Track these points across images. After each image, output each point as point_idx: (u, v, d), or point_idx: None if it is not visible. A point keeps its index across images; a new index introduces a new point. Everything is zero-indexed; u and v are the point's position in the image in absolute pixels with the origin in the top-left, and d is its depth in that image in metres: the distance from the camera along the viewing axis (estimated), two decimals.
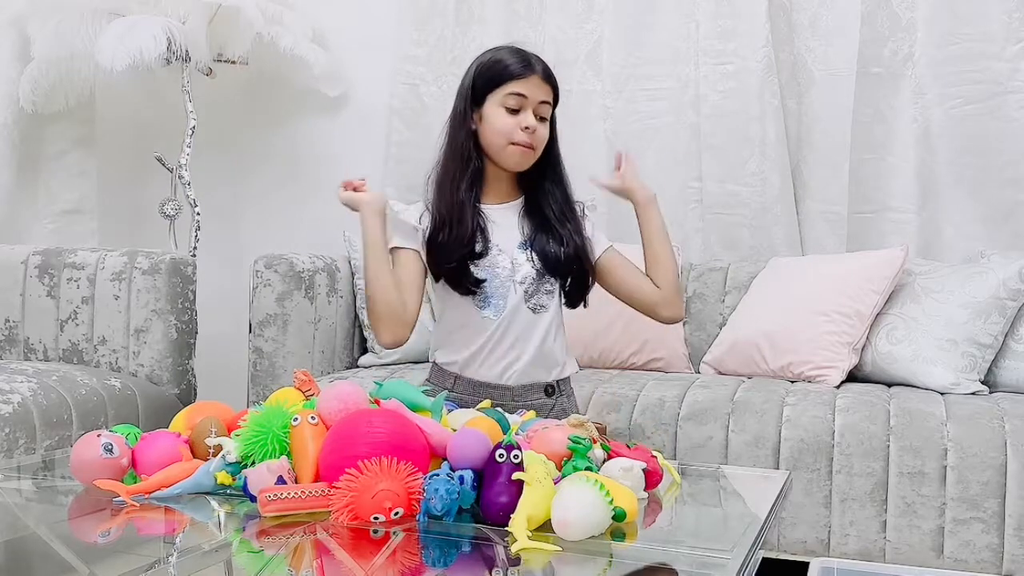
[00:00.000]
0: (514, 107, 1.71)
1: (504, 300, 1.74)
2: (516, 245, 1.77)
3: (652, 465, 1.32)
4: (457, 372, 1.78)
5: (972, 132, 2.55)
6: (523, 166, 1.75)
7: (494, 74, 1.73)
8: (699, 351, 2.57)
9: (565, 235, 1.76)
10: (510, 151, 1.72)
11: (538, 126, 1.72)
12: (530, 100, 1.71)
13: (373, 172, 3.11)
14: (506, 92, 1.71)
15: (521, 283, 1.75)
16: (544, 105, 1.73)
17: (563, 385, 1.85)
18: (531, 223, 1.78)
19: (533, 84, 1.71)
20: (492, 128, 1.72)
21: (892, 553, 1.90)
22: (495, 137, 1.72)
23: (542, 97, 1.72)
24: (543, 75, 1.73)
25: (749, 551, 1.09)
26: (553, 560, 1.07)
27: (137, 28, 2.68)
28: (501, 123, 1.71)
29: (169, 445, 1.35)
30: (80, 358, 2.50)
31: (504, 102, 1.71)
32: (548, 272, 1.77)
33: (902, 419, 1.94)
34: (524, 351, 1.76)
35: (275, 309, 2.51)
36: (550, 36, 2.92)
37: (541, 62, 1.75)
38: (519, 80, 1.71)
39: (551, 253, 1.75)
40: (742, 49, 2.70)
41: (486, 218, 1.78)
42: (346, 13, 3.17)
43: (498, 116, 1.71)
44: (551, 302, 1.80)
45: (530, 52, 1.76)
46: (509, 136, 1.71)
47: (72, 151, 3.14)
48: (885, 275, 2.31)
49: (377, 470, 1.14)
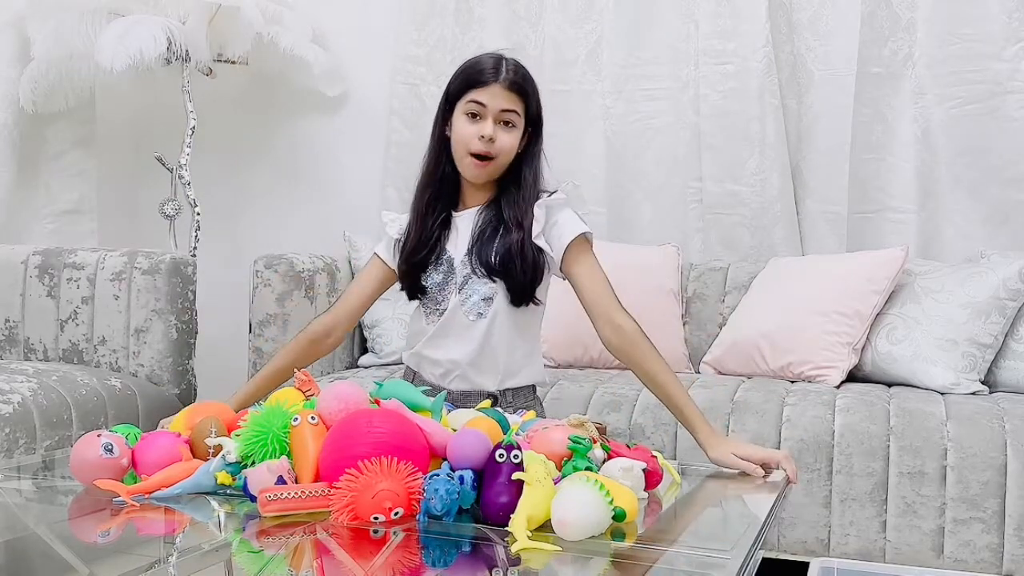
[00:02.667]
0: (474, 113, 1.70)
1: (443, 305, 1.74)
2: (464, 251, 1.75)
3: (652, 465, 1.32)
4: (415, 370, 1.80)
5: (972, 132, 2.56)
6: (480, 178, 1.73)
7: (461, 81, 1.72)
8: (699, 351, 2.57)
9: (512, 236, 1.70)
10: (467, 163, 1.71)
11: (499, 134, 1.69)
12: (489, 108, 1.68)
13: (373, 172, 3.12)
14: (468, 99, 1.69)
15: (459, 288, 1.73)
16: (508, 113, 1.70)
17: (514, 396, 1.77)
18: (482, 224, 1.74)
19: (494, 92, 1.68)
20: (455, 136, 1.72)
21: (892, 553, 1.90)
22: (457, 146, 1.72)
23: (504, 105, 1.68)
24: (507, 84, 1.68)
25: (749, 551, 1.09)
26: (553, 560, 1.07)
27: (137, 28, 2.68)
28: (461, 131, 1.70)
29: (169, 445, 1.35)
30: (80, 358, 2.50)
31: (466, 108, 1.70)
32: (484, 274, 1.71)
33: (902, 419, 1.94)
34: (459, 356, 1.73)
35: (275, 309, 2.51)
36: (550, 36, 2.92)
37: (513, 71, 1.70)
38: (480, 88, 1.68)
39: (485, 256, 1.71)
40: (742, 49, 2.70)
41: (452, 226, 1.77)
42: (346, 13, 3.17)
43: (460, 124, 1.70)
44: (491, 308, 1.72)
45: (509, 59, 1.72)
46: (467, 145, 1.69)
47: (72, 151, 3.13)
48: (885, 275, 2.31)
49: (377, 470, 1.14)
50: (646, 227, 2.85)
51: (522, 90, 1.71)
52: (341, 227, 2.83)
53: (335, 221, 3.03)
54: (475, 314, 1.72)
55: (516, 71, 1.71)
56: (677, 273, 2.63)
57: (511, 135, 1.70)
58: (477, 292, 1.72)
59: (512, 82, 1.69)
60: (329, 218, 3.14)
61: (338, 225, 2.90)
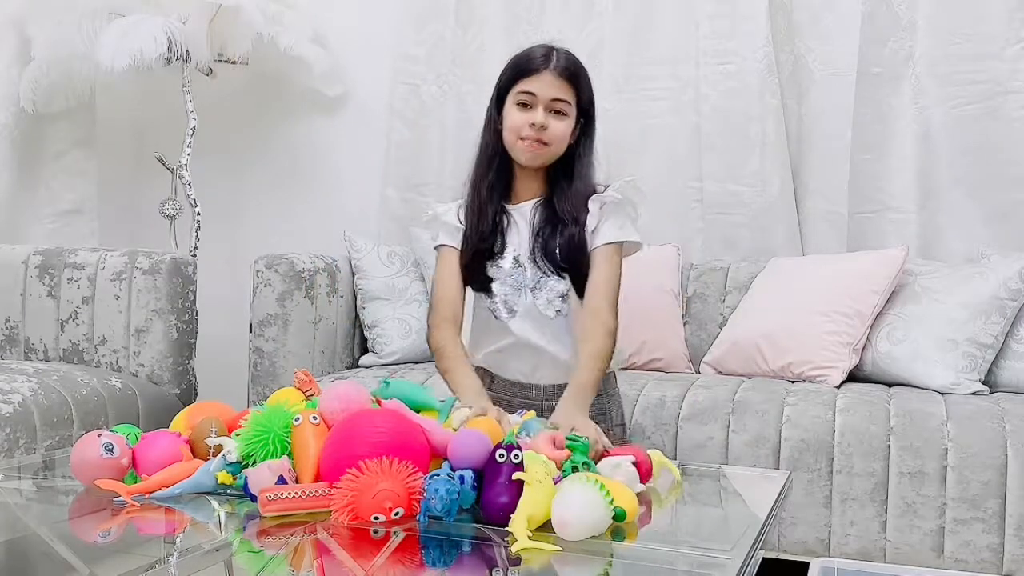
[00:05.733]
0: (525, 103, 1.71)
1: (517, 302, 1.74)
2: (527, 245, 1.76)
3: (640, 458, 1.33)
4: (493, 371, 1.79)
5: (972, 132, 2.55)
6: (534, 162, 1.74)
7: (511, 71, 1.73)
8: (699, 351, 2.57)
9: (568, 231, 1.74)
10: (520, 146, 1.72)
11: (551, 122, 1.70)
12: (540, 97, 1.69)
13: (373, 172, 3.12)
14: (518, 89, 1.71)
15: (532, 288, 1.74)
16: (559, 102, 1.71)
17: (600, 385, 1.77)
18: (540, 221, 1.76)
19: (544, 80, 1.69)
20: (507, 125, 1.73)
21: (892, 553, 1.90)
22: (508, 134, 1.73)
23: (554, 94, 1.70)
24: (557, 71, 1.69)
25: (749, 551, 1.09)
26: (553, 560, 1.07)
27: (137, 28, 2.68)
28: (512, 120, 1.71)
29: (169, 445, 1.35)
30: (80, 358, 2.50)
31: (516, 99, 1.71)
32: (553, 271, 1.74)
33: (902, 419, 1.94)
34: (544, 352, 1.75)
35: (275, 309, 2.51)
36: (550, 37, 2.90)
37: (564, 59, 1.72)
38: (530, 76, 1.70)
39: (551, 252, 1.74)
40: (742, 49, 2.70)
41: (509, 218, 1.77)
42: (346, 13, 3.17)
43: (511, 113, 1.72)
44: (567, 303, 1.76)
45: (560, 49, 1.73)
46: (518, 132, 1.70)
47: (72, 151, 3.13)
48: (885, 275, 2.31)
49: (378, 470, 1.14)
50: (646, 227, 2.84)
51: (573, 77, 1.71)
52: (341, 227, 2.83)
53: (335, 221, 3.03)
54: (553, 310, 1.74)
55: (567, 59, 1.72)
56: (677, 273, 2.63)
57: (562, 123, 1.71)
58: (552, 289, 1.74)
59: (563, 69, 1.70)
60: (329, 218, 3.14)
61: (338, 225, 2.90)
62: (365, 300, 2.69)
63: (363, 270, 2.70)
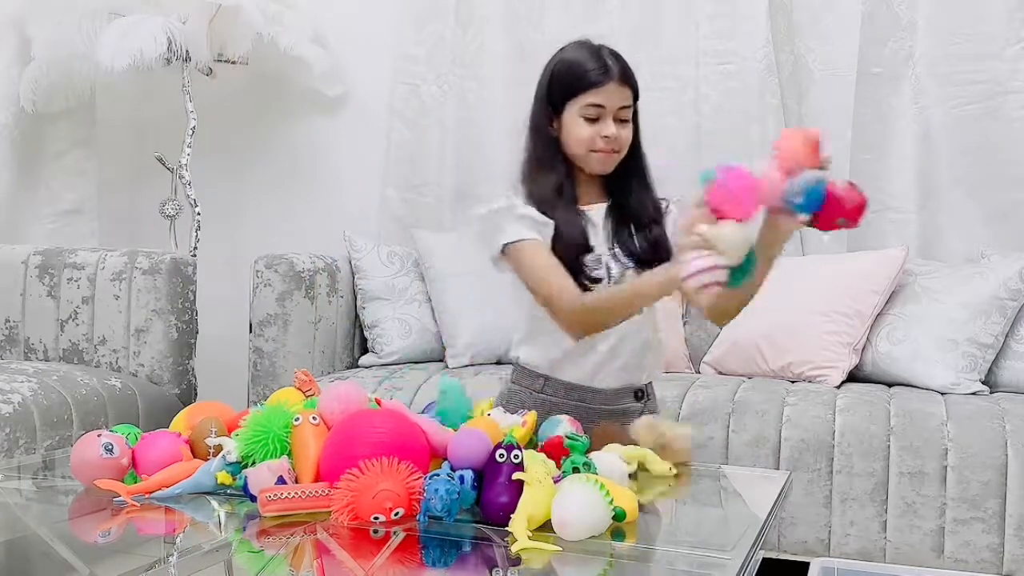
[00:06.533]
0: (593, 116, 1.67)
1: None
2: (607, 246, 1.74)
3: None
4: (546, 373, 1.72)
5: (972, 132, 2.55)
6: (607, 169, 1.71)
7: (571, 82, 1.66)
8: (699, 351, 2.57)
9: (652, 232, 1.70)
10: (592, 157, 1.68)
11: (619, 131, 1.67)
12: (608, 109, 1.64)
13: (373, 172, 3.12)
14: (584, 103, 1.64)
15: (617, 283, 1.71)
16: (624, 110, 1.69)
17: (649, 388, 1.78)
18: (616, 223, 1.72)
19: (611, 91, 1.64)
20: (572, 138, 1.67)
21: (892, 553, 1.90)
22: (576, 147, 1.68)
23: (621, 103, 1.65)
24: (620, 78, 1.64)
25: (749, 551, 1.09)
26: (553, 560, 1.07)
27: (137, 28, 2.68)
28: (580, 133, 1.66)
29: (169, 445, 1.35)
30: (80, 358, 2.50)
31: (583, 112, 1.65)
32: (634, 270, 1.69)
33: (902, 419, 1.94)
34: (620, 353, 1.70)
35: (275, 309, 2.51)
36: (552, 37, 2.91)
37: (619, 62, 1.67)
38: (596, 89, 1.64)
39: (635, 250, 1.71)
40: (742, 49, 2.70)
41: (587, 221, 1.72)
42: (346, 13, 3.17)
43: (577, 126, 1.66)
44: None
45: (606, 50, 1.68)
46: (589, 145, 1.67)
47: (72, 151, 3.14)
48: (885, 275, 2.31)
49: (378, 470, 1.14)
50: None
51: (632, 81, 1.68)
52: (341, 227, 2.83)
53: (335, 221, 3.03)
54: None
55: (622, 63, 1.67)
56: None
57: (628, 130, 1.69)
58: None
59: (624, 75, 1.65)
60: (329, 218, 3.14)
61: (338, 225, 2.90)
62: (365, 300, 2.69)
63: (363, 270, 2.70)
